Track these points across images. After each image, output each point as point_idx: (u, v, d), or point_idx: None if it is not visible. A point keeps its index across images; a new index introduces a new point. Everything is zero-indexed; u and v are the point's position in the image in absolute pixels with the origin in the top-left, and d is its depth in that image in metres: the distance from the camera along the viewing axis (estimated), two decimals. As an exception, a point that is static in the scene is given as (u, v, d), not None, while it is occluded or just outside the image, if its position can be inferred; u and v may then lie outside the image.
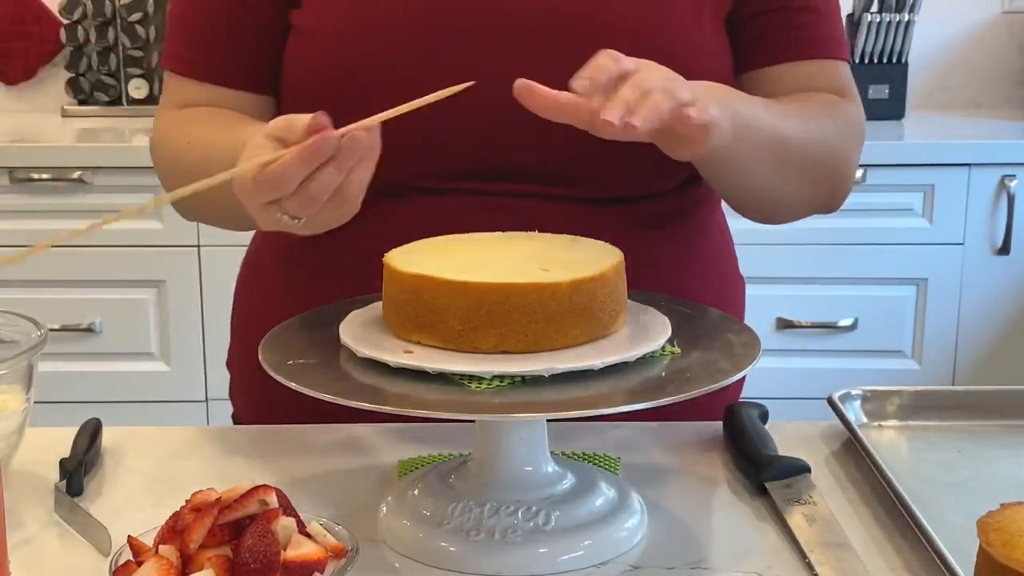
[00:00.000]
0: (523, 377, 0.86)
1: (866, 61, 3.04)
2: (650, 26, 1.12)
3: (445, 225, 1.08)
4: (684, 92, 0.91)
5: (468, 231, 1.05)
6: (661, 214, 1.19)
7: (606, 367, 0.88)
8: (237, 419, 1.33)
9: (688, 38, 1.14)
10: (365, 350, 0.90)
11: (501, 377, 0.86)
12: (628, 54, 0.97)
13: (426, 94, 0.93)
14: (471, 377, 0.87)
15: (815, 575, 0.88)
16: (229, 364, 1.34)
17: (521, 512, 0.91)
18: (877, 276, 2.80)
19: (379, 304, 0.97)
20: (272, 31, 1.18)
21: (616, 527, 0.93)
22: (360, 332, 0.94)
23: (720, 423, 1.11)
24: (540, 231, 1.03)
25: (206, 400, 2.81)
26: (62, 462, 1.03)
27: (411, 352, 0.90)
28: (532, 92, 0.90)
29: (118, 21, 3.12)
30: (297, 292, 1.20)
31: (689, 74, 0.98)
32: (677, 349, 0.93)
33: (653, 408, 0.84)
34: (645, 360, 0.90)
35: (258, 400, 1.27)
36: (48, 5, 3.18)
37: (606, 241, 0.99)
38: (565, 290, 0.89)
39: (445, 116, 0.99)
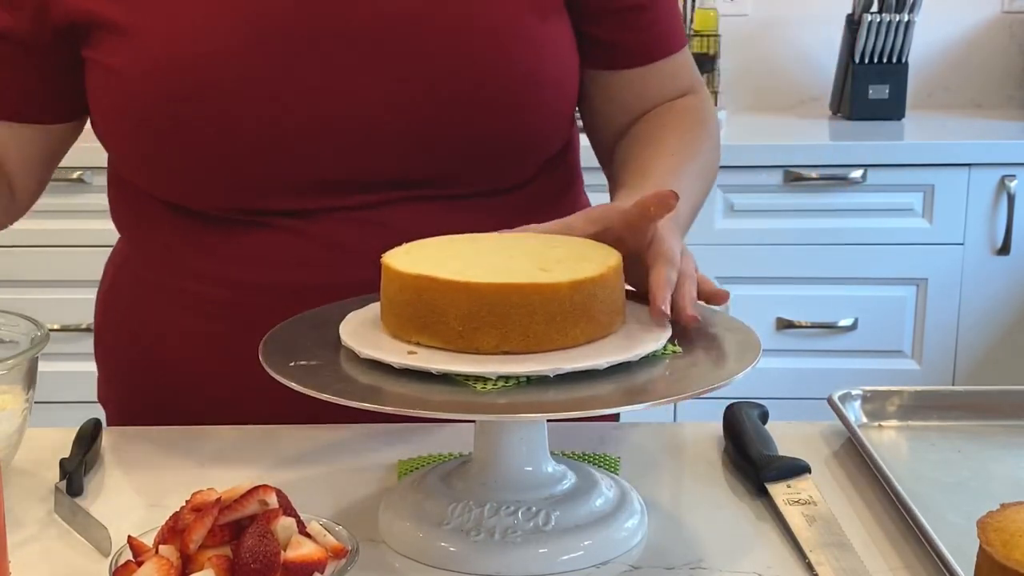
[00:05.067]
0: (528, 377, 0.86)
1: (866, 61, 3.04)
2: (484, 27, 1.11)
3: (310, 246, 1.11)
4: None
5: (338, 250, 1.11)
6: (525, 203, 1.19)
7: (610, 367, 0.88)
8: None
9: (528, 36, 1.13)
10: (368, 351, 0.90)
11: (506, 378, 0.86)
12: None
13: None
14: (476, 378, 0.86)
15: (815, 575, 0.88)
16: (101, 397, 1.31)
17: (521, 512, 0.91)
18: (877, 276, 2.80)
19: (376, 305, 0.97)
20: (50, 64, 1.14)
21: (616, 527, 0.93)
22: (360, 333, 0.94)
23: (720, 423, 1.11)
24: (404, 234, 1.01)
25: (206, 400, 2.81)
26: (62, 462, 1.03)
27: (415, 353, 0.90)
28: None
29: (118, 21, 3.12)
30: (171, 327, 1.18)
31: (531, 76, 1.12)
32: (678, 348, 0.93)
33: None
34: (648, 359, 0.90)
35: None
36: (48, 5, 3.18)
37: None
38: (566, 291, 0.88)
39: (290, 131, 1.03)
